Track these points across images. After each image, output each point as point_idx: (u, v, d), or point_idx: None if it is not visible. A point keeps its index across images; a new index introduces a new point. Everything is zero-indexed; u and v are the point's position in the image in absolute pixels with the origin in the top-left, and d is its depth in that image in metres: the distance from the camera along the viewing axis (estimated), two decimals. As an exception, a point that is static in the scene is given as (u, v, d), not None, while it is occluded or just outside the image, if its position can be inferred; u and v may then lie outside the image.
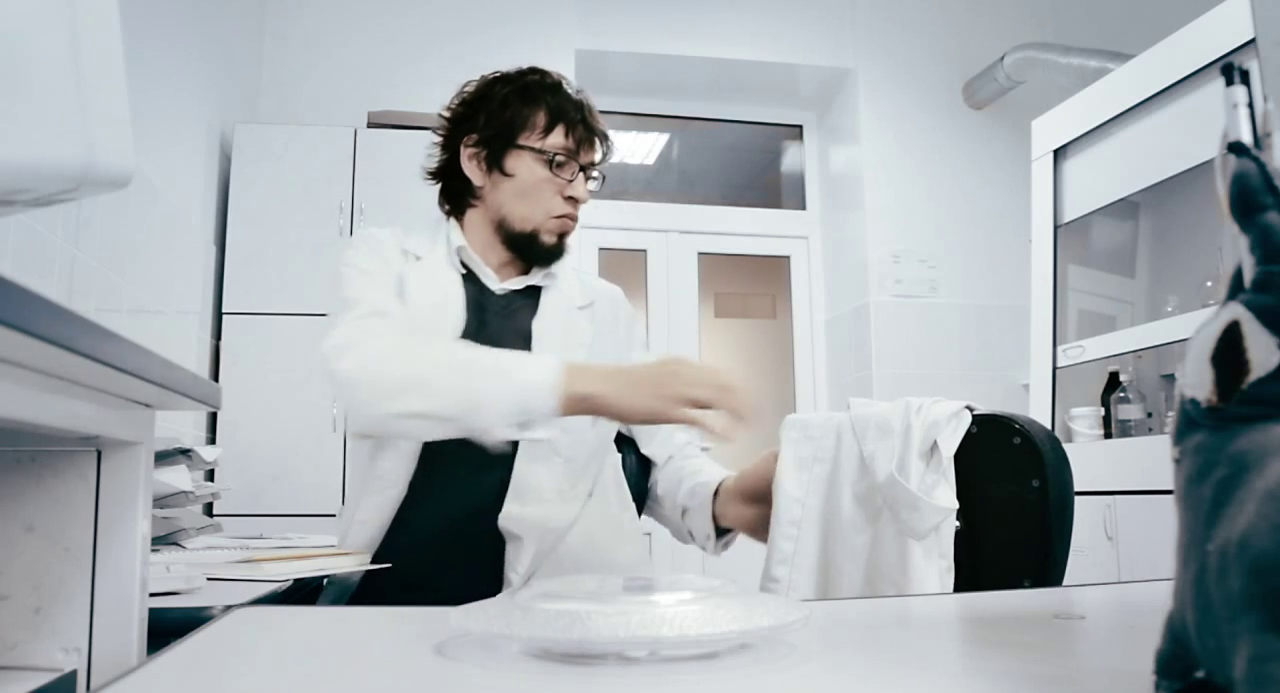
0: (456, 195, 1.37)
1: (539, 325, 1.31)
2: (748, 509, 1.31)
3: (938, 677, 0.47)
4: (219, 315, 2.95)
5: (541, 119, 1.30)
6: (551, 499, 1.25)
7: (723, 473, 1.37)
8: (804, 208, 4.41)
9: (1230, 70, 0.36)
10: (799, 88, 4.26)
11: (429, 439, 1.18)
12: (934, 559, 1.15)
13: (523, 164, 1.30)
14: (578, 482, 1.29)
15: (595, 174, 1.34)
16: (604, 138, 1.35)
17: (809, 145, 4.45)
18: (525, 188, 1.30)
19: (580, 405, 1.06)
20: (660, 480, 1.44)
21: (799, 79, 4.19)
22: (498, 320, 1.30)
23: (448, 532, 1.23)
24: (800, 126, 4.47)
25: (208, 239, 2.89)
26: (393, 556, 1.21)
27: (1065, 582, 1.16)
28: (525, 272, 1.36)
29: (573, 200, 1.31)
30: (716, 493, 1.34)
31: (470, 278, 1.33)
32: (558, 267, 1.37)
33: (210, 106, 2.92)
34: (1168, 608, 0.35)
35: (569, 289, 1.38)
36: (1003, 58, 3.82)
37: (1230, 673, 0.29)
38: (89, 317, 0.47)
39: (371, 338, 1.15)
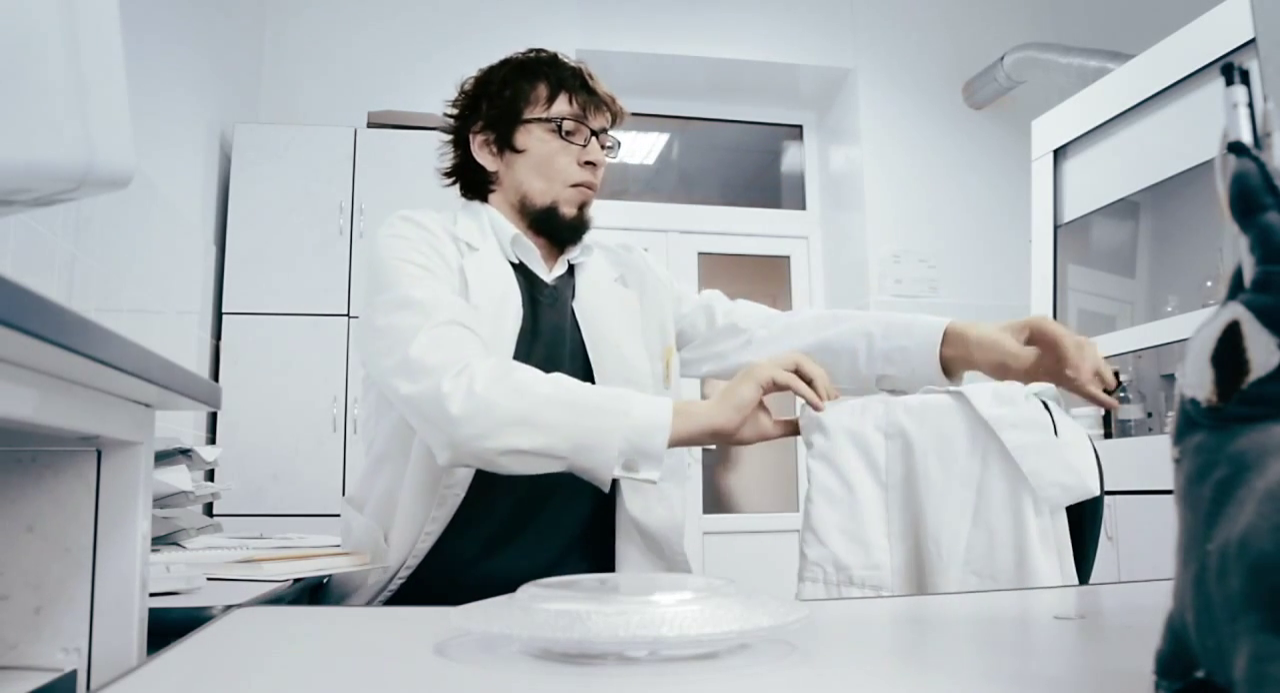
0: (473, 188, 1.33)
1: (579, 306, 1.28)
2: (1027, 351, 1.25)
3: (938, 677, 0.47)
4: (219, 315, 2.95)
5: (544, 90, 1.28)
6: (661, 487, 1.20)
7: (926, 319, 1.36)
8: (804, 208, 4.41)
9: (1230, 70, 0.36)
10: (799, 88, 4.26)
11: (530, 474, 1.08)
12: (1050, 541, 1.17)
13: (533, 138, 1.27)
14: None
15: (610, 142, 1.31)
16: (610, 101, 1.31)
17: (809, 145, 4.45)
18: (539, 160, 1.27)
19: (685, 443, 1.08)
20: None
21: (799, 79, 4.19)
22: (549, 313, 1.27)
23: (528, 522, 1.20)
24: (800, 126, 4.47)
25: (208, 239, 2.89)
26: (456, 554, 1.17)
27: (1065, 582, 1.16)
28: (558, 255, 1.33)
29: (591, 165, 1.28)
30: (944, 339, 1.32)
31: (523, 269, 1.28)
32: (589, 240, 1.34)
33: (210, 106, 2.92)
34: (1168, 608, 0.35)
35: (600, 264, 1.35)
36: (1003, 58, 3.82)
37: (1230, 673, 0.29)
38: (89, 317, 0.47)
39: (473, 359, 1.05)
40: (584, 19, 3.87)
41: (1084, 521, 1.18)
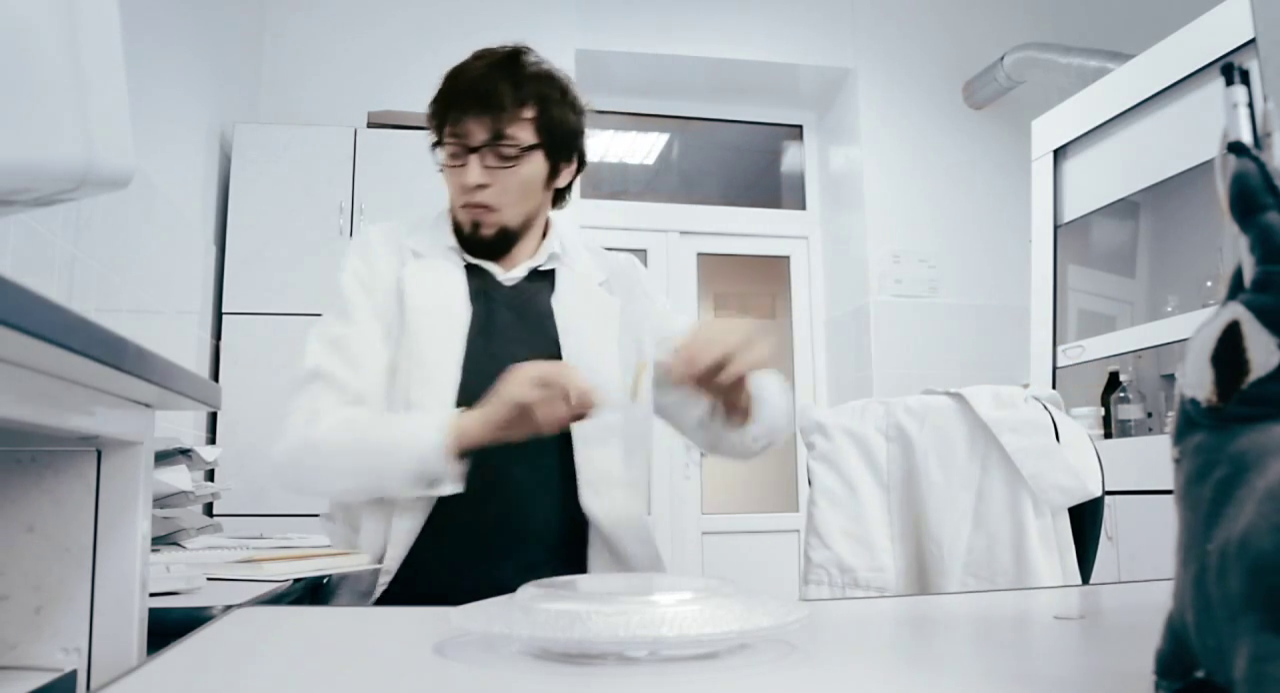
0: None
1: (558, 304, 1.29)
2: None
3: (938, 677, 0.47)
4: (219, 315, 2.95)
5: (437, 111, 1.28)
6: (619, 485, 1.23)
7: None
8: (804, 208, 4.41)
9: (1230, 70, 0.36)
10: (799, 88, 4.26)
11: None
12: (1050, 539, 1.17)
13: (439, 158, 1.29)
14: (632, 466, 1.27)
15: (509, 151, 1.23)
16: (477, 108, 1.23)
17: (809, 145, 4.45)
18: (444, 181, 1.30)
19: (481, 446, 1.11)
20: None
21: (799, 79, 4.19)
22: (507, 311, 1.28)
23: (501, 528, 1.20)
24: (800, 126, 4.47)
25: (208, 239, 2.89)
26: (432, 561, 1.18)
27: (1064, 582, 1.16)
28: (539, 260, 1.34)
29: (477, 187, 1.24)
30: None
31: (476, 270, 1.31)
32: (567, 246, 1.35)
33: (210, 106, 2.92)
34: (1168, 608, 0.35)
35: (584, 266, 1.36)
36: (1003, 58, 3.83)
37: (1230, 673, 0.29)
38: (89, 317, 0.47)
39: (301, 421, 1.19)
40: (584, 19, 3.87)
41: (1084, 521, 1.18)
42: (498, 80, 1.23)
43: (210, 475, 2.12)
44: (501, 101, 1.23)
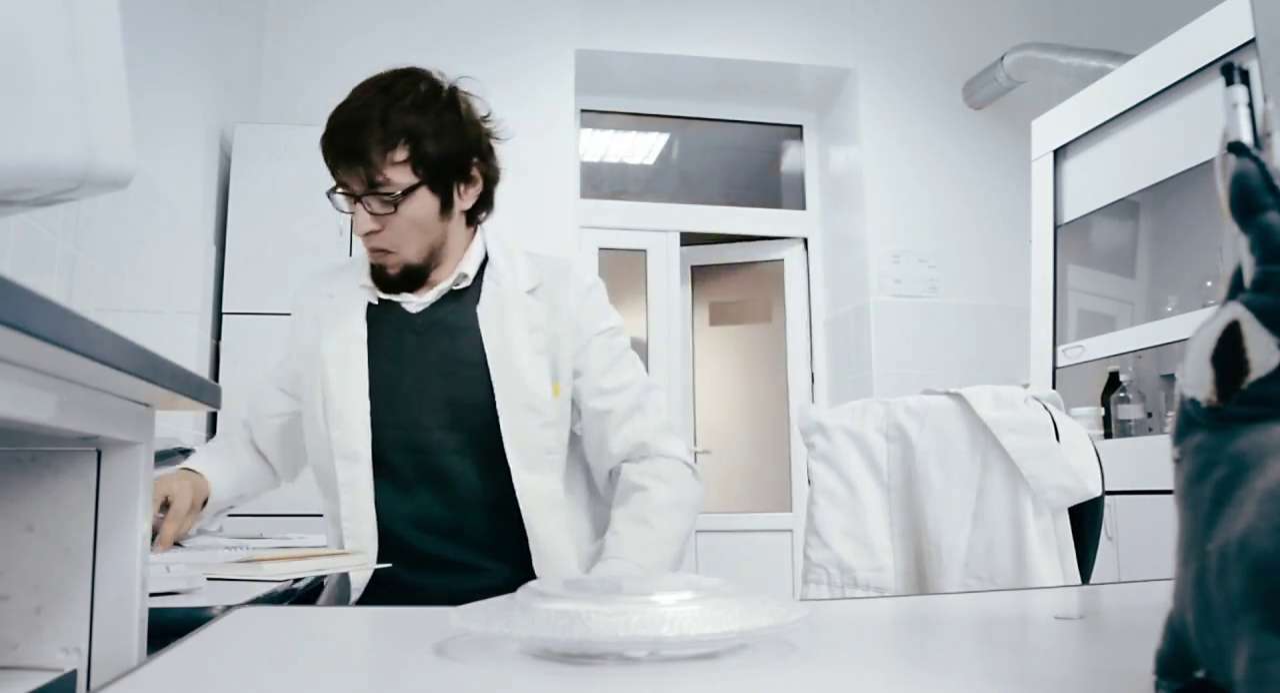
0: None
1: (483, 315, 1.30)
2: None
3: (937, 677, 0.47)
4: (219, 315, 2.95)
5: (323, 156, 1.27)
6: (560, 507, 1.28)
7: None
8: (804, 208, 4.41)
9: (1230, 70, 0.36)
10: (799, 88, 4.26)
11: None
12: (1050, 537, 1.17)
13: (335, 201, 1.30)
14: (574, 487, 1.33)
15: (385, 197, 1.22)
16: (347, 159, 1.22)
17: (809, 145, 4.45)
18: None
19: None
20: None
21: (799, 79, 4.19)
22: (416, 337, 1.30)
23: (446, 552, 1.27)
24: (800, 126, 4.47)
25: (208, 239, 2.89)
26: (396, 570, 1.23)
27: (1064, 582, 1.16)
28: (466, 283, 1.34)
29: (370, 233, 1.25)
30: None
31: (387, 303, 1.33)
32: (494, 258, 1.34)
33: (210, 106, 2.92)
34: (1168, 608, 0.35)
35: (510, 276, 1.33)
36: (1003, 58, 3.82)
37: (1230, 673, 0.29)
38: (89, 317, 0.47)
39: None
40: (584, 19, 3.87)
41: (1084, 521, 1.18)
42: (364, 126, 1.21)
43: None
44: (368, 152, 1.20)
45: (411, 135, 1.22)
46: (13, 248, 1.57)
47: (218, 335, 2.95)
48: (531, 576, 1.23)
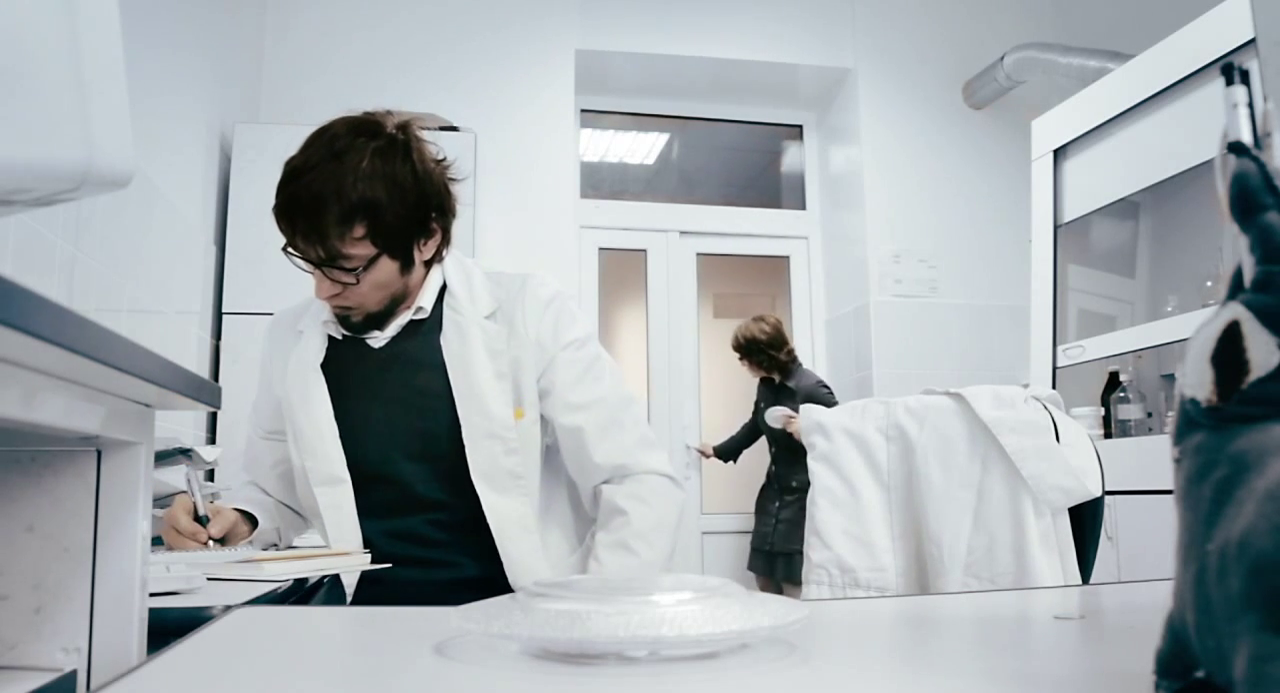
0: None
1: (444, 343, 1.30)
2: None
3: (937, 677, 0.47)
4: (219, 315, 2.95)
5: (276, 218, 1.27)
6: (532, 530, 1.29)
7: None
8: (804, 208, 4.41)
9: (1230, 70, 0.36)
10: (799, 88, 4.26)
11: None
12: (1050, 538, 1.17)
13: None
14: (550, 509, 1.34)
15: (347, 268, 1.21)
16: (304, 233, 1.20)
17: (809, 145, 4.45)
18: None
19: None
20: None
21: (799, 79, 4.19)
22: (379, 371, 1.30)
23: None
24: (800, 126, 4.47)
25: (208, 239, 2.89)
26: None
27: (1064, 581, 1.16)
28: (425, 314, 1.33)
29: (332, 297, 1.25)
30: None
31: (350, 339, 1.32)
32: (453, 286, 1.32)
33: (210, 106, 2.92)
34: (1168, 608, 0.35)
35: (469, 303, 1.32)
36: (1003, 58, 3.83)
37: (1230, 673, 0.29)
38: (89, 317, 0.47)
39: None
40: (584, 19, 3.87)
41: (1084, 521, 1.18)
42: (320, 203, 1.19)
43: (210, 475, 2.12)
44: (325, 233, 1.18)
45: (369, 207, 1.18)
46: (13, 248, 1.57)
47: (218, 335, 2.95)
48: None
